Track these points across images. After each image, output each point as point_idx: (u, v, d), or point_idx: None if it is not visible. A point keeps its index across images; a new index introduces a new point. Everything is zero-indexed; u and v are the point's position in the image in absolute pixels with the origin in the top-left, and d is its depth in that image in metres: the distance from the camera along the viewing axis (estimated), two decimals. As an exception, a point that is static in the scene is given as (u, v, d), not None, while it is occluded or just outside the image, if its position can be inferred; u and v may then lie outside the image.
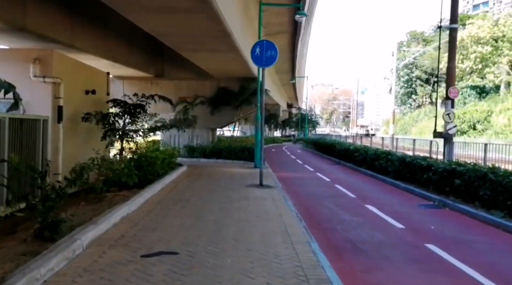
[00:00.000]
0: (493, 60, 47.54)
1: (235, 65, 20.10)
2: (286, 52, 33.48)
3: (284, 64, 38.54)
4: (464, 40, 49.05)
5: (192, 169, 16.86)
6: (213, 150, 22.48)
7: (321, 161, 24.69)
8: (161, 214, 8.21)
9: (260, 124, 18.32)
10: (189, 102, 24.44)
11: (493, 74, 47.00)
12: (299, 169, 19.95)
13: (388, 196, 12.37)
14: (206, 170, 16.93)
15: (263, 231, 7.05)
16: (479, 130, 39.30)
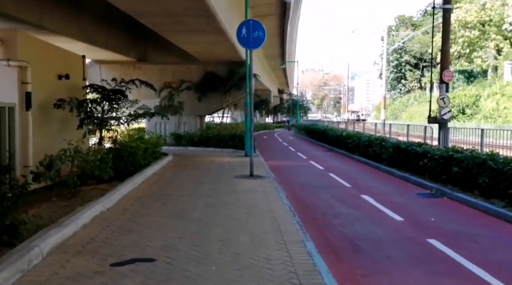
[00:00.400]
0: (480, 45, 46.93)
1: (222, 48, 19.17)
2: (275, 36, 32.52)
3: (274, 49, 37.57)
4: (452, 24, 48.35)
5: (178, 159, 16.01)
6: (201, 138, 21.62)
7: (314, 148, 23.95)
8: (140, 212, 7.40)
9: (249, 111, 17.50)
10: (175, 87, 23.49)
11: (481, 58, 46.36)
12: (291, 157, 19.20)
13: (383, 185, 11.67)
14: (193, 159, 16.09)
15: (253, 230, 6.28)
16: (468, 115, 38.81)
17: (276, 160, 17.83)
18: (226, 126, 25.39)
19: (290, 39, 35.82)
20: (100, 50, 19.71)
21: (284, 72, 57.79)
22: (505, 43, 44.91)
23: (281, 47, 37.86)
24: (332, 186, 11.32)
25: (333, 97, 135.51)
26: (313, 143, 27.62)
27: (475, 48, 46.91)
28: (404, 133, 22.35)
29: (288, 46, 38.20)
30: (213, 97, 24.05)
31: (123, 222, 6.70)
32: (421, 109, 51.49)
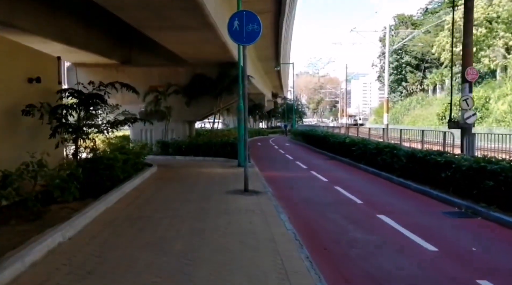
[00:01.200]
0: (488, 43, 46.02)
1: (212, 47, 18.00)
2: (270, 36, 31.44)
3: (268, 50, 36.48)
4: (457, 22, 47.46)
5: (163, 170, 14.74)
6: (190, 146, 20.36)
7: (313, 156, 22.75)
8: (108, 243, 6.14)
9: (243, 116, 16.33)
10: (161, 91, 22.30)
11: (489, 58, 45.45)
12: (290, 167, 17.97)
13: (401, 201, 10.47)
14: (181, 171, 14.82)
15: (250, 269, 5.05)
16: (478, 118, 37.80)
17: (273, 170, 16.62)
18: (217, 133, 24.14)
19: (285, 39, 34.77)
20: (80, 52, 18.58)
21: (278, 75, 56.78)
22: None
23: (276, 47, 36.77)
24: (341, 203, 10.10)
25: (329, 101, 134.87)
26: (312, 150, 26.44)
27: (482, 47, 45.98)
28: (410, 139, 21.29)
29: (283, 46, 37.13)
30: (202, 101, 22.88)
31: (85, 257, 5.44)
32: (424, 113, 50.65)
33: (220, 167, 16.07)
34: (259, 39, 10.57)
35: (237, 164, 16.23)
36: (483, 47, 46.25)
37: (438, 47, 51.67)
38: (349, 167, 17.34)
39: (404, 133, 21.78)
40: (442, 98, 49.79)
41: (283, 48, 39.04)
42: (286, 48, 41.87)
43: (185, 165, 16.88)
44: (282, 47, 37.49)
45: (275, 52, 39.10)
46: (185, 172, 14.38)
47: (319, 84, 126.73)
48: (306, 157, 22.00)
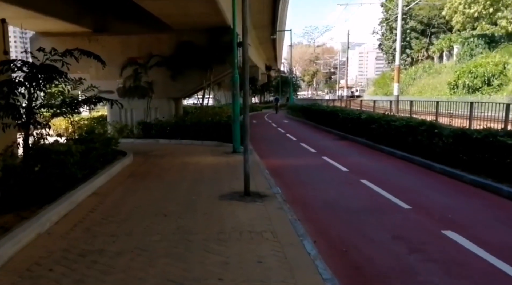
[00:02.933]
0: (506, 3, 42.77)
1: (199, 5, 15.05)
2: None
3: (263, 15, 33.29)
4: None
5: (140, 161, 11.95)
6: (176, 127, 17.53)
7: (320, 136, 19.96)
8: None
9: (237, 90, 13.55)
10: (142, 64, 19.37)
11: (506, 19, 42.30)
12: (295, 151, 15.19)
13: (468, 205, 7.77)
14: (162, 161, 12.04)
15: None
16: (495, 87, 35.03)
17: (276, 156, 13.88)
18: (207, 111, 21.25)
19: (284, 1, 31.57)
20: (42, 17, 15.70)
21: (273, 45, 53.60)
22: (534, 1, 40.96)
23: (273, 11, 33.62)
24: (381, 209, 7.39)
25: (325, 73, 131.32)
26: (317, 128, 23.62)
27: (499, 7, 42.73)
28: (427, 112, 18.56)
29: (280, 10, 33.98)
30: (190, 74, 19.96)
31: None
32: (432, 82, 47.79)
33: (211, 153, 13.32)
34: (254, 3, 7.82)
35: (231, 150, 13.49)
36: (500, 8, 43.04)
37: (450, 9, 48.33)
38: (368, 150, 14.61)
39: (421, 106, 19.14)
40: (452, 66, 46.83)
41: (281, 13, 35.89)
42: (283, 14, 38.68)
43: (169, 151, 14.11)
44: (280, 11, 34.35)
45: (271, 18, 35.95)
46: (166, 163, 11.60)
47: (315, 55, 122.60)
48: (311, 137, 19.23)
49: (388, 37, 72.03)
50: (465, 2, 45.66)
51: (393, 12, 68.50)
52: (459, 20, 47.33)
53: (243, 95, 8.11)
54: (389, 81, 70.20)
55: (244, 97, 8.04)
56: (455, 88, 38.86)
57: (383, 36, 77.79)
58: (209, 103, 28.97)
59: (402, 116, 15.03)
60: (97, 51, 19.44)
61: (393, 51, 70.34)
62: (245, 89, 8.03)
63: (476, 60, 40.47)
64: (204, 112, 20.83)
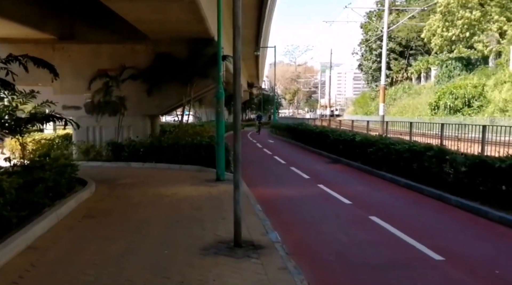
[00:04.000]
0: (482, 27, 42.43)
1: (179, 11, 13.21)
2: (252, 10, 26.74)
3: (248, 29, 31.63)
4: (450, 4, 43.73)
5: (102, 193, 9.81)
6: (151, 149, 15.41)
7: (310, 158, 18.09)
8: None
9: (222, 108, 11.69)
10: (113, 76, 17.31)
11: (482, 43, 41.84)
12: (286, 176, 13.22)
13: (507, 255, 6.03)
14: (131, 192, 9.92)
15: None
16: (475, 108, 34.20)
17: (266, 184, 11.91)
18: (187, 129, 19.22)
19: (269, 15, 30.00)
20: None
21: (256, 61, 52.14)
22: (509, 26, 40.51)
23: (257, 27, 32.06)
24: (409, 262, 5.53)
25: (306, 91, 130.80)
26: (304, 149, 21.75)
27: (476, 31, 42.37)
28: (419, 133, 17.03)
29: (265, 26, 32.44)
30: (168, 89, 17.91)
31: None
32: (413, 102, 46.97)
33: (191, 181, 11.28)
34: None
35: (214, 177, 11.48)
36: (476, 32, 42.66)
37: (428, 31, 47.82)
38: (366, 176, 12.82)
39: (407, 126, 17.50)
40: (431, 87, 46.19)
41: (265, 29, 34.36)
42: (267, 29, 37.17)
43: (141, 178, 12.03)
44: (264, 27, 32.80)
45: (255, 33, 34.38)
46: (136, 195, 9.53)
47: (296, 73, 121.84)
48: (301, 160, 17.35)
49: (368, 58, 71.52)
50: (443, 25, 45.26)
51: (373, 34, 68.15)
52: (438, 43, 46.86)
53: (234, 116, 6.25)
54: (369, 101, 69.50)
55: (235, 119, 6.17)
56: (436, 109, 37.92)
57: (363, 57, 77.40)
58: (189, 121, 26.92)
59: (402, 139, 13.30)
60: (62, 61, 17.33)
61: (373, 71, 69.80)
62: (236, 109, 6.18)
63: (455, 82, 39.88)
64: (183, 131, 18.83)
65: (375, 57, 67.88)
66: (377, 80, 69.17)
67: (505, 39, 39.10)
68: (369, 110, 64.33)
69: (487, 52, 40.86)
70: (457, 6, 42.90)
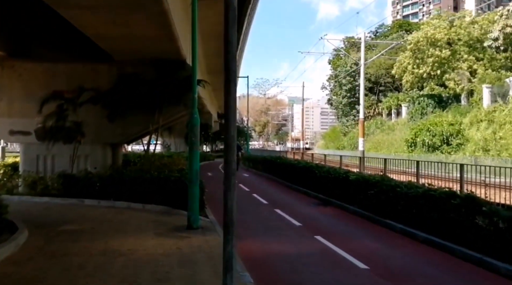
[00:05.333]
0: (452, 66, 42.10)
1: (146, 26, 11.00)
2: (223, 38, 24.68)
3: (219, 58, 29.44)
4: (420, 42, 43.37)
5: (33, 247, 7.05)
6: (110, 183, 12.73)
7: (294, 197, 15.41)
8: None
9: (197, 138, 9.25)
10: (70, 98, 14.71)
11: (454, 81, 41.35)
12: (273, 223, 10.59)
13: None
14: (73, 247, 7.16)
15: None
16: (454, 146, 32.90)
17: (251, 234, 9.18)
18: (153, 161, 16.52)
19: (243, 43, 28.08)
20: None
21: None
22: (479, 65, 40.27)
23: (229, 56, 29.97)
24: None
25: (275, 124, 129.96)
26: (285, 186, 18.99)
27: (446, 69, 41.95)
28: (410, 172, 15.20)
29: (238, 54, 30.48)
30: (133, 115, 15.38)
31: None
32: (387, 138, 45.67)
33: (155, 229, 8.64)
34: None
35: (185, 223, 8.87)
36: (447, 70, 42.23)
37: (399, 68, 47.29)
38: (369, 225, 10.39)
39: (397, 164, 15.56)
40: (405, 123, 45.13)
41: (238, 57, 32.41)
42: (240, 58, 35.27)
43: (92, 222, 9.32)
44: (238, 56, 30.82)
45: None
46: (79, 253, 6.84)
47: (266, 106, 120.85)
48: (285, 200, 14.85)
49: (338, 93, 70.91)
50: (413, 63, 44.84)
51: (342, 69, 67.67)
52: (409, 79, 46.35)
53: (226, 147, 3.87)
54: (341, 136, 68.40)
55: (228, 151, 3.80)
56: (412, 146, 36.56)
57: (332, 92, 76.93)
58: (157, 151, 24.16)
59: (412, 182, 11.08)
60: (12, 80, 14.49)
61: (343, 106, 68.98)
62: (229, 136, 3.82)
63: (428, 119, 38.88)
64: (149, 163, 16.13)
65: (345, 93, 67.28)
66: (348, 115, 68.36)
67: (476, 77, 38.67)
68: (341, 144, 63.08)
69: (459, 90, 40.33)
70: (426, 44, 42.56)
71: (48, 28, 13.89)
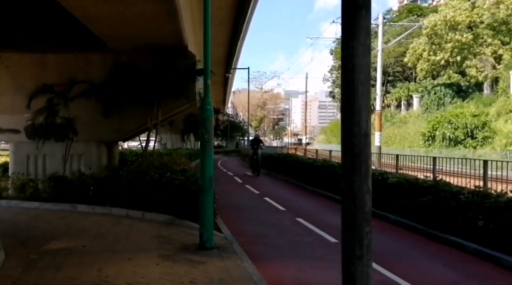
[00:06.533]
0: (474, 51, 40.65)
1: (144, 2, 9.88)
2: (226, 25, 23.72)
3: (220, 47, 28.60)
4: (437, 26, 41.87)
5: (7, 276, 6.01)
6: (105, 185, 11.65)
7: (313, 202, 14.35)
8: None
9: (211, 135, 8.15)
10: (60, 92, 13.70)
11: (476, 68, 39.99)
12: (299, 237, 9.30)
13: None
14: (56, 279, 6.00)
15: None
16: (480, 140, 31.73)
17: (279, 256, 7.95)
18: (152, 160, 15.31)
19: (245, 32, 26.96)
20: None
21: (225, 85, 49.21)
22: (505, 50, 38.81)
23: (231, 44, 28.99)
24: None
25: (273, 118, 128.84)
26: (298, 187, 17.88)
27: (467, 55, 40.54)
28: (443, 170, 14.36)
29: (240, 43, 29.39)
30: (131, 110, 14.51)
31: None
32: (399, 132, 44.64)
33: (159, 250, 7.43)
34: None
35: (196, 241, 7.71)
36: (468, 56, 40.86)
37: (412, 55, 45.98)
38: (425, 242, 8.89)
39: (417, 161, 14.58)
40: (420, 115, 44.01)
41: (239, 48, 31.35)
42: (240, 49, 34.13)
43: (83, 237, 8.30)
44: (239, 45, 29.78)
45: (227, 52, 31.32)
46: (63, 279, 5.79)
47: (263, 100, 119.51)
48: (304, 206, 13.52)
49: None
50: (429, 49, 43.45)
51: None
52: (424, 67, 44.99)
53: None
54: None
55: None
56: (430, 140, 35.47)
57: (334, 84, 75.73)
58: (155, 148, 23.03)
59: (479, 187, 9.69)
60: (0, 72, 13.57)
61: (348, 99, 67.55)
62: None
63: (448, 110, 37.61)
64: (148, 162, 15.03)
65: (352, 85, 65.96)
66: (352, 107, 67.10)
67: (502, 64, 37.27)
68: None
69: (481, 78, 39.00)
70: (445, 28, 41.13)
71: (36, 15, 13.02)
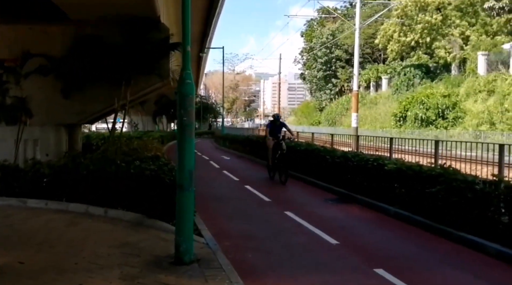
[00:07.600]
0: (442, 32, 39.80)
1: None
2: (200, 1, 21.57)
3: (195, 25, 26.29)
4: (407, 7, 40.75)
5: None
6: (63, 176, 9.57)
7: (300, 192, 12.39)
8: None
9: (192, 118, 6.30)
10: (11, 67, 11.50)
11: (444, 49, 39.15)
12: (294, 238, 7.47)
13: None
14: None
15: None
16: (451, 120, 30.84)
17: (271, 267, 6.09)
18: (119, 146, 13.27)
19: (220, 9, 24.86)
20: None
21: (198, 65, 46.78)
22: (472, 31, 38.03)
23: (205, 23, 26.84)
24: None
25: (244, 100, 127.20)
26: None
27: (436, 36, 39.64)
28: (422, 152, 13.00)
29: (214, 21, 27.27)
30: (95, 89, 12.41)
31: None
32: (370, 113, 43.58)
33: (124, 266, 5.38)
34: None
35: (171, 252, 5.62)
36: (437, 37, 39.96)
37: (383, 37, 44.79)
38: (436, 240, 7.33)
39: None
40: (390, 96, 43.02)
41: (213, 26, 29.19)
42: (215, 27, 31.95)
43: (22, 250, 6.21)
44: (213, 23, 27.66)
45: (202, 30, 29.12)
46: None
47: (235, 82, 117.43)
48: (290, 195, 11.95)
49: (312, 67, 68.11)
50: (400, 30, 42.39)
51: (318, 41, 64.84)
52: (394, 49, 43.93)
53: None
54: (314, 111, 66.19)
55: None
56: (401, 121, 34.48)
57: (305, 66, 74.31)
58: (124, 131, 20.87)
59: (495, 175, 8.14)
60: None
61: (318, 80, 66.50)
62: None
63: (418, 90, 36.63)
64: (116, 147, 12.93)
65: (321, 66, 64.63)
66: (322, 89, 66.03)
67: (469, 45, 36.49)
68: (315, 120, 60.86)
69: (450, 59, 38.15)
70: (415, 9, 40.02)
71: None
